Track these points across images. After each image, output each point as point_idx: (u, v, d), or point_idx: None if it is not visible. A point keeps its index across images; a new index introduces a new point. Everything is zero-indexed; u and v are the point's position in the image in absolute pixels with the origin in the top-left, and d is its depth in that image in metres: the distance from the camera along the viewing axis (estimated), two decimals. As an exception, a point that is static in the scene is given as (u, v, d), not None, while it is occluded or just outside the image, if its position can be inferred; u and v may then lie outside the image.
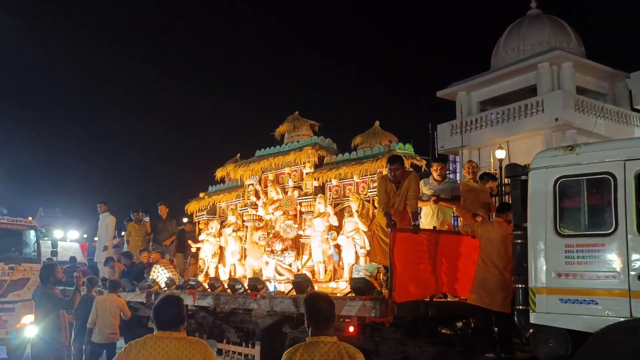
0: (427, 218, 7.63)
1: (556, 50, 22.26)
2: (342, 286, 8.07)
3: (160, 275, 10.63)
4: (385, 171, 8.00)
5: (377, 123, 9.19)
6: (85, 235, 24.16)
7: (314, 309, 3.25)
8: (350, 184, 8.82)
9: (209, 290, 8.78)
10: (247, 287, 8.18)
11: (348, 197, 8.79)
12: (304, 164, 9.33)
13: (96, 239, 14.07)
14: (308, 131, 10.22)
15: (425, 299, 6.41)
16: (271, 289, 8.03)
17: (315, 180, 9.09)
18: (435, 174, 7.31)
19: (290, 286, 8.73)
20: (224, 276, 10.61)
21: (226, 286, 8.64)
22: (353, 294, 6.53)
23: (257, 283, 7.83)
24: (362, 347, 6.85)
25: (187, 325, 9.75)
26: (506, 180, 8.83)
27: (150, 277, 10.59)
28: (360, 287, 6.36)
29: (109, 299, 8.41)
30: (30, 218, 15.50)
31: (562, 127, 20.32)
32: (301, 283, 7.12)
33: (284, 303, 7.22)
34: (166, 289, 9.96)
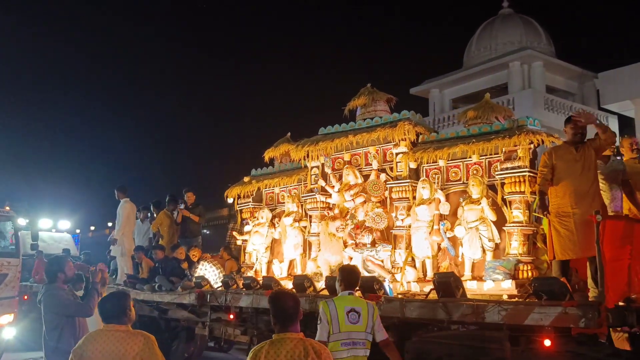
0: None
1: (527, 50, 22.78)
2: (473, 286, 6.80)
3: (208, 272, 9.08)
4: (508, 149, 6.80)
5: (487, 95, 7.95)
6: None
7: (279, 306, 3.25)
8: (456, 166, 7.54)
9: (294, 290, 7.32)
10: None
11: (454, 181, 7.54)
12: (396, 142, 7.96)
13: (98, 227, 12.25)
14: (385, 106, 8.87)
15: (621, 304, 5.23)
16: (387, 289, 6.66)
17: (414, 161, 7.74)
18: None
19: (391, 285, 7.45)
20: (277, 273, 9.16)
21: (320, 286, 7.24)
22: (534, 298, 5.29)
23: (372, 282, 6.45)
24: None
25: (251, 332, 8.33)
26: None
27: (197, 274, 8.99)
28: (552, 290, 5.10)
29: None
30: (7, 207, 13.60)
31: (533, 126, 20.62)
32: (449, 284, 5.79)
33: (425, 308, 5.89)
34: (221, 288, 8.42)
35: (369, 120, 8.45)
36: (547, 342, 5.09)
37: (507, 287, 6.31)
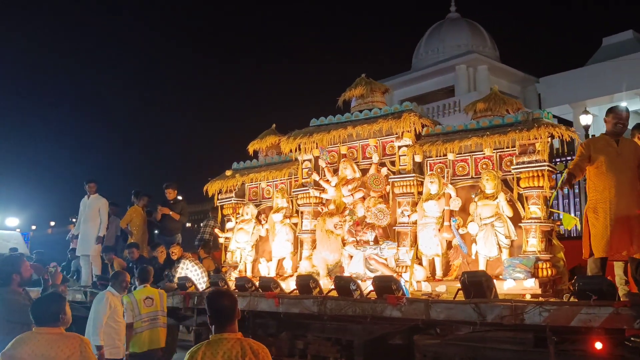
0: None
1: (473, 54, 23.62)
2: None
3: (190, 272, 8.41)
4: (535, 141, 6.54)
5: (495, 87, 7.68)
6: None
7: (216, 306, 3.21)
8: (464, 160, 7.23)
9: (297, 292, 6.82)
10: (361, 289, 6.38)
11: (461, 175, 7.23)
12: (398, 134, 7.57)
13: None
14: (382, 98, 8.49)
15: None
16: (404, 289, 6.23)
17: (421, 154, 7.37)
18: None
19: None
20: (264, 272, 8.60)
21: (323, 285, 6.77)
22: (575, 299, 5.01)
23: (390, 283, 6.02)
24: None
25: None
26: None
27: (178, 274, 8.31)
28: (601, 289, 4.83)
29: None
30: None
31: (478, 127, 21.54)
32: (480, 283, 5.45)
33: (454, 310, 5.52)
34: (209, 287, 7.79)
35: (367, 111, 8.03)
36: (599, 345, 4.80)
37: (530, 286, 6.03)
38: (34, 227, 24.67)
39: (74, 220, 11.48)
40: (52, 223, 26.18)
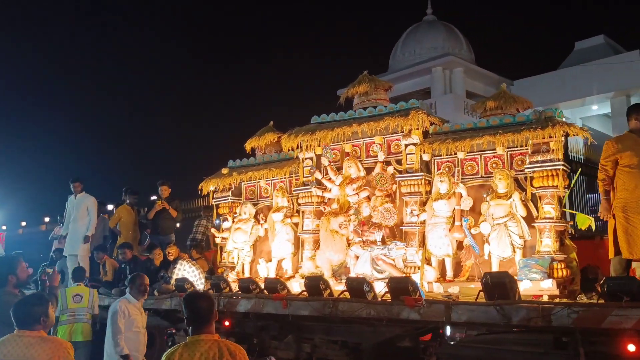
0: None
1: (449, 56, 23.97)
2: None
3: (187, 273, 8.12)
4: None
5: (504, 85, 7.60)
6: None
7: (193, 308, 3.21)
8: (473, 159, 7.12)
9: (305, 294, 6.61)
10: (377, 291, 6.22)
11: (470, 174, 7.12)
12: (405, 132, 7.42)
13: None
14: (385, 95, 8.35)
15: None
16: (421, 290, 6.08)
17: (430, 153, 7.23)
18: None
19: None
20: (263, 273, 8.37)
21: (333, 286, 6.58)
22: (602, 300, 4.93)
23: (406, 284, 5.87)
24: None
25: (250, 340, 7.48)
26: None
27: (175, 275, 8.01)
28: (631, 290, 4.74)
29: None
30: None
31: (454, 129, 22.12)
32: (504, 284, 5.33)
33: (475, 312, 5.39)
34: (210, 291, 7.51)
35: (371, 108, 7.87)
36: (632, 347, 4.71)
37: (548, 286, 5.94)
38: (4, 227, 23.92)
39: (47, 219, 11.06)
40: (23, 223, 25.42)
